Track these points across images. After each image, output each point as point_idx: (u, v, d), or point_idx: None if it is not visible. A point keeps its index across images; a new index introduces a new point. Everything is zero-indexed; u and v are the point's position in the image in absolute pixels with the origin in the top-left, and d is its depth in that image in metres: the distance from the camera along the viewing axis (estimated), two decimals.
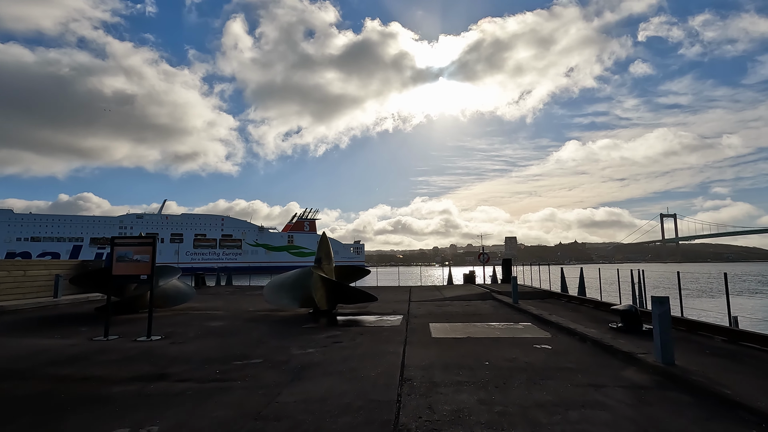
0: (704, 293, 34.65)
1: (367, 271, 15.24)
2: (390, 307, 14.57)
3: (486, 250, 30.61)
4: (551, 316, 10.82)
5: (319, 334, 9.33)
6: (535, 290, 18.97)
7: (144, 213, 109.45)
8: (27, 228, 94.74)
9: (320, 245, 14.02)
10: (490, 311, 13.18)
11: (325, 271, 13.66)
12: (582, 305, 14.28)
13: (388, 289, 24.50)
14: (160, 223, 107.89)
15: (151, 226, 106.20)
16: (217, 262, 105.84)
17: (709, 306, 19.67)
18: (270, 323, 11.33)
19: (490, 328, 9.83)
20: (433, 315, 12.43)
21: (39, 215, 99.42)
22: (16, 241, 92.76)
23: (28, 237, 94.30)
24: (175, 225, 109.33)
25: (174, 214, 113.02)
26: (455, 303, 15.80)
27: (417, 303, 15.97)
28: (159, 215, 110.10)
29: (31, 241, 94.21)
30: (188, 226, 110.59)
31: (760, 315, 21.92)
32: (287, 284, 13.85)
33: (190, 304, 15.88)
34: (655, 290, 28.88)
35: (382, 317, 12.13)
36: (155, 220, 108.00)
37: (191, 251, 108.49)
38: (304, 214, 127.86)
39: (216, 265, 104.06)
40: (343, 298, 13.94)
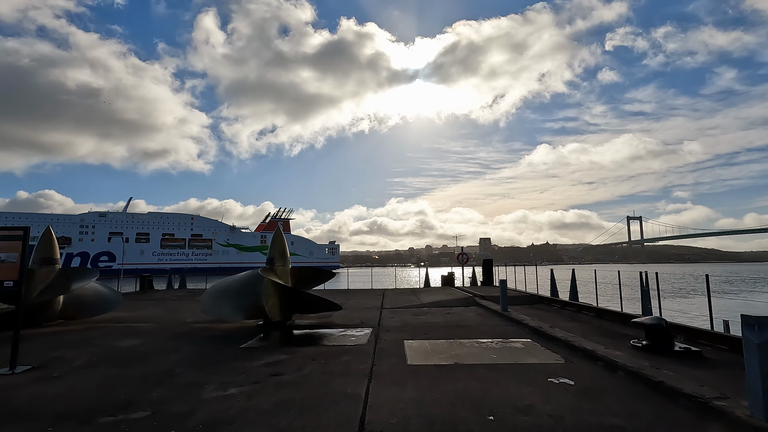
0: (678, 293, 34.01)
1: (332, 273, 12.91)
2: (358, 317, 12.25)
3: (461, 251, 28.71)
4: (554, 330, 8.77)
5: (257, 360, 6.91)
6: (521, 294, 17.05)
7: (107, 211, 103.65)
8: None
9: (273, 242, 11.56)
10: (477, 321, 11.06)
11: (279, 273, 11.22)
12: (579, 313, 12.37)
13: (360, 292, 22.16)
14: (125, 222, 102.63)
15: (115, 225, 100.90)
16: (186, 262, 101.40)
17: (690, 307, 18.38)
18: (200, 341, 8.82)
19: (482, 348, 7.66)
20: (409, 327, 10.19)
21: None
22: None
23: None
24: (142, 224, 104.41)
25: (140, 213, 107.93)
26: (434, 310, 13.64)
27: (390, 310, 13.72)
28: (124, 213, 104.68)
29: None
30: (155, 225, 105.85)
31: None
32: (231, 290, 11.30)
33: (116, 314, 13.08)
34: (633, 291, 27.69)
35: (346, 331, 9.80)
36: (120, 218, 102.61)
37: (158, 251, 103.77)
38: (278, 213, 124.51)
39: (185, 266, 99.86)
40: (301, 306, 11.51)
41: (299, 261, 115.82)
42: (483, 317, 11.87)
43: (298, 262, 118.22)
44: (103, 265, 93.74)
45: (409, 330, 9.80)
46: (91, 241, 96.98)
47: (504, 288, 12.53)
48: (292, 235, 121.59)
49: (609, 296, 17.90)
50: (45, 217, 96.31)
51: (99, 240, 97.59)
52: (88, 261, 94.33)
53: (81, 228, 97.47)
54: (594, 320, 10.93)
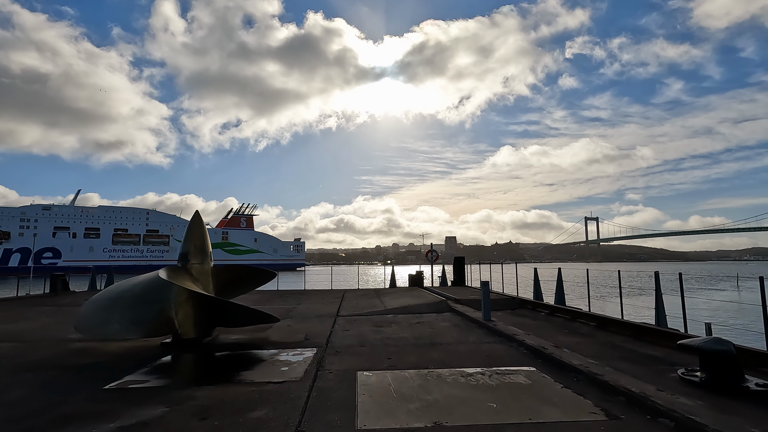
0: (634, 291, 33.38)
1: (272, 273, 10.15)
2: (303, 329, 9.55)
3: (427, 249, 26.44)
4: (561, 352, 6.45)
5: (104, 423, 4.12)
6: (499, 296, 14.86)
7: (53, 204, 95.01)
8: None
9: (188, 233, 8.65)
10: (456, 336, 8.63)
11: (196, 273, 8.37)
12: (575, 321, 10.23)
13: (317, 294, 19.38)
14: (72, 215, 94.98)
15: (60, 219, 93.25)
16: (141, 259, 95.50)
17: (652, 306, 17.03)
18: (53, 376, 5.87)
19: (471, 387, 5.18)
20: (367, 347, 7.62)
21: None
22: None
23: None
24: (91, 218, 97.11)
25: (90, 207, 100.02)
26: (401, 319, 11.14)
27: (347, 319, 11.10)
28: (71, 207, 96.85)
29: None
30: (107, 219, 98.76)
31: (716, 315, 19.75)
32: (127, 297, 8.29)
33: None
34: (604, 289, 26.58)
35: (280, 353, 7.10)
36: (66, 212, 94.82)
37: (109, 248, 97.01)
38: (240, 209, 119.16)
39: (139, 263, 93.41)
40: (225, 318, 8.70)
41: (263, 258, 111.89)
42: (462, 329, 9.47)
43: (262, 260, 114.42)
44: (47, 262, 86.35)
45: (366, 352, 7.22)
46: (33, 236, 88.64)
47: (486, 292, 10.19)
48: (255, 232, 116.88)
49: (575, 296, 16.31)
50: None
51: (42, 235, 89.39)
52: (30, 258, 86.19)
53: (21, 222, 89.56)
54: (598, 333, 8.76)
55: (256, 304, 15.28)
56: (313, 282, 36.16)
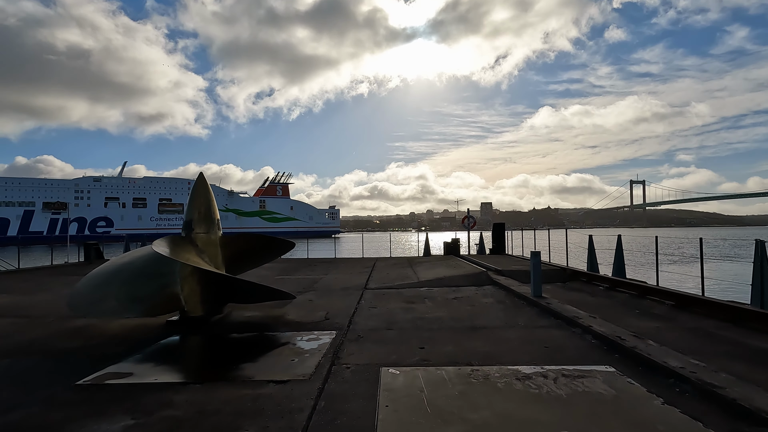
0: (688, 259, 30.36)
1: (290, 243, 9.06)
2: (325, 305, 8.49)
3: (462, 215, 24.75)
4: (647, 345, 4.95)
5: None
6: (546, 266, 13.25)
7: (102, 176, 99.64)
8: None
9: (192, 199, 7.59)
10: (502, 317, 7.27)
11: (201, 243, 7.36)
12: (643, 299, 8.56)
13: (346, 262, 18.48)
14: (120, 186, 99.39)
15: (110, 190, 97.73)
16: None
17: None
18: (32, 364, 5.06)
19: (535, 401, 3.84)
20: (396, 331, 6.42)
21: None
22: None
23: None
24: (138, 189, 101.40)
25: (136, 178, 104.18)
26: (436, 293, 9.87)
27: (375, 293, 9.96)
28: (119, 178, 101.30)
29: None
30: (152, 190, 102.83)
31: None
32: (126, 272, 7.44)
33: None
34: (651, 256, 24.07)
35: (293, 338, 6.03)
36: (115, 183, 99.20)
37: (156, 216, 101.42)
38: (276, 178, 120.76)
39: None
40: (235, 294, 7.73)
41: (299, 226, 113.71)
42: (508, 308, 8.08)
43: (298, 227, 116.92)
44: (101, 231, 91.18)
45: (394, 338, 6.01)
46: (87, 207, 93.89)
47: (538, 264, 8.67)
48: (291, 200, 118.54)
49: (607, 264, 14.20)
50: (39, 182, 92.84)
51: (95, 205, 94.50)
52: (86, 227, 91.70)
53: (76, 193, 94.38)
54: (679, 315, 7.11)
55: (282, 273, 14.53)
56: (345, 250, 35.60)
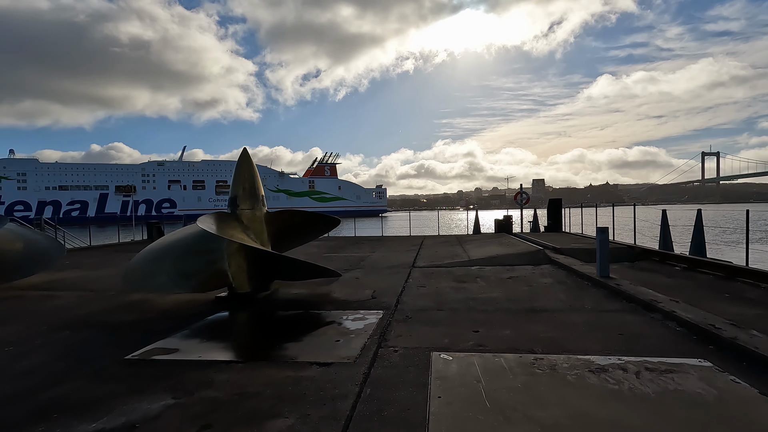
0: None
1: (336, 220, 8.82)
2: (372, 284, 8.21)
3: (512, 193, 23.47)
4: (751, 336, 4.16)
5: (92, 418, 3.07)
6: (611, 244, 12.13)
7: (165, 160, 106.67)
8: (54, 177, 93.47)
9: (236, 175, 7.48)
10: (564, 299, 6.60)
11: (247, 220, 7.26)
12: (733, 280, 7.47)
13: (393, 240, 18.19)
14: (181, 170, 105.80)
15: (172, 173, 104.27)
16: None
17: None
18: (91, 335, 5.20)
19: (616, 398, 3.27)
20: (446, 312, 5.98)
21: (65, 164, 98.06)
22: (45, 190, 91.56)
23: (56, 186, 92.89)
24: (197, 172, 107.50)
25: (195, 161, 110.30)
26: (488, 272, 9.29)
27: (423, 272, 9.55)
28: (180, 162, 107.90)
29: (59, 189, 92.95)
30: (209, 172, 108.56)
31: None
32: (177, 249, 7.52)
33: (60, 273, 10.03)
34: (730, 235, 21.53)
35: (339, 317, 5.78)
36: (176, 167, 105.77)
37: (214, 198, 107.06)
38: (324, 158, 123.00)
39: None
40: (281, 271, 7.61)
41: (346, 205, 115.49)
42: (570, 289, 7.36)
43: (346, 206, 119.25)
44: (166, 212, 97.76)
45: (445, 319, 5.58)
46: (153, 189, 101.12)
47: (603, 240, 7.80)
48: (339, 180, 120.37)
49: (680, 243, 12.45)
50: (111, 167, 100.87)
51: (160, 188, 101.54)
52: (153, 208, 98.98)
53: (143, 177, 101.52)
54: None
55: (329, 251, 14.50)
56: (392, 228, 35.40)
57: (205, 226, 6.20)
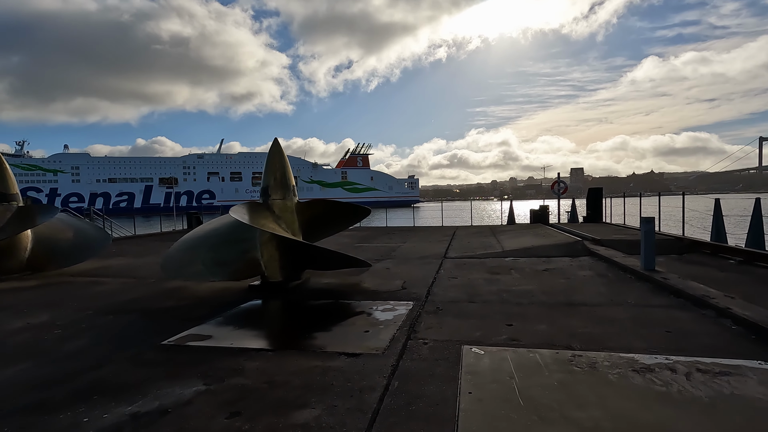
0: None
1: (366, 210, 8.77)
2: (402, 274, 8.13)
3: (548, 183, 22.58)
4: None
5: (128, 400, 3.17)
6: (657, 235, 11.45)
7: (204, 153, 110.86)
8: (104, 170, 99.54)
9: (268, 165, 7.55)
10: (605, 293, 6.26)
11: (278, 210, 7.33)
12: None
13: (425, 231, 18.02)
14: (219, 162, 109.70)
15: (211, 165, 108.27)
16: None
17: None
18: (130, 321, 5.42)
19: (664, 400, 3.03)
20: (479, 304, 5.81)
21: (113, 158, 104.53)
22: (96, 182, 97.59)
23: (106, 179, 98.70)
24: (234, 164, 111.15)
25: (232, 154, 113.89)
26: (523, 264, 8.98)
27: (455, 263, 9.36)
28: (218, 155, 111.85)
29: (109, 182, 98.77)
30: (246, 164, 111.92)
31: None
32: (213, 238, 7.72)
33: (105, 261, 10.56)
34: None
35: (366, 307, 5.74)
36: (215, 159, 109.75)
37: (250, 189, 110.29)
38: (356, 149, 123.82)
39: None
40: (312, 261, 7.66)
41: (379, 196, 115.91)
42: (611, 282, 6.98)
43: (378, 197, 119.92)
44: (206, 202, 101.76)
45: (477, 312, 5.42)
46: (194, 181, 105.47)
47: (649, 231, 7.34)
48: (371, 170, 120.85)
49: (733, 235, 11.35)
50: (155, 160, 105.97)
51: (200, 179, 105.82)
52: (194, 198, 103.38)
53: (184, 169, 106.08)
54: None
55: (360, 241, 14.53)
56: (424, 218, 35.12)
57: (237, 216, 6.30)
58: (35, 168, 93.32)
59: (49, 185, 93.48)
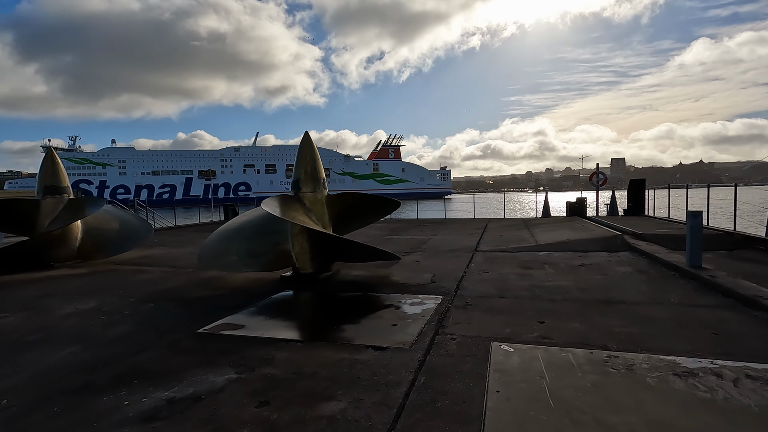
0: None
1: (395, 202, 8.74)
2: (432, 267, 8.07)
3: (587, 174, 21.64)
4: None
5: (164, 384, 3.32)
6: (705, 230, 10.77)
7: (240, 146, 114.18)
8: (148, 163, 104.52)
9: (299, 158, 7.64)
10: (646, 291, 5.96)
11: (309, 202, 7.43)
12: None
13: (456, 223, 17.81)
14: (255, 154, 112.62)
15: (247, 158, 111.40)
16: None
17: None
18: (168, 309, 5.67)
19: (708, 407, 2.86)
20: (509, 300, 5.67)
21: (156, 151, 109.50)
22: (140, 175, 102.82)
23: (150, 171, 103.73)
24: (269, 156, 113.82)
25: (267, 146, 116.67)
26: (557, 259, 8.70)
27: (486, 256, 9.19)
28: (253, 147, 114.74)
29: (152, 174, 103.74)
30: (280, 156, 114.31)
31: None
32: (247, 230, 7.93)
33: (147, 251, 11.09)
34: None
35: (395, 301, 5.74)
36: (250, 152, 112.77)
37: (284, 181, 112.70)
38: (388, 141, 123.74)
39: None
40: (341, 253, 7.72)
41: (410, 188, 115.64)
42: (653, 279, 6.64)
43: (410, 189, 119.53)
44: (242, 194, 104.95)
45: (507, 307, 5.30)
46: (231, 173, 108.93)
47: (696, 226, 6.90)
48: (403, 162, 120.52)
49: None
50: (195, 153, 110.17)
51: (236, 172, 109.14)
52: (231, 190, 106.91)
53: (221, 162, 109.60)
54: None
55: (391, 233, 14.54)
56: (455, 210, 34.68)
57: (269, 209, 6.43)
58: (86, 162, 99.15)
59: (99, 178, 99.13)
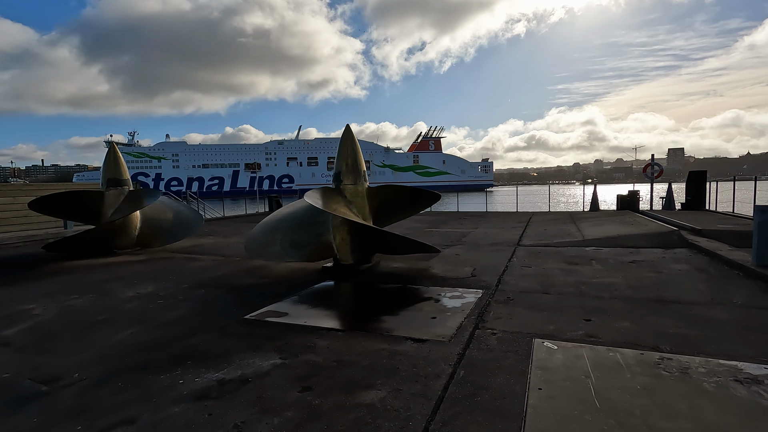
0: None
1: (436, 195, 8.66)
2: (473, 261, 7.96)
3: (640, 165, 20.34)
4: None
5: (213, 368, 3.52)
6: None
7: (284, 139, 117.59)
8: (199, 157, 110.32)
9: (340, 150, 7.75)
10: (704, 290, 5.57)
11: (349, 194, 7.55)
12: None
13: (498, 217, 17.42)
14: (297, 147, 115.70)
15: (290, 151, 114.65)
16: None
17: None
18: (218, 295, 6.00)
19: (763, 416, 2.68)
20: (553, 296, 5.50)
21: (206, 145, 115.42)
22: (192, 168, 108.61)
23: (200, 164, 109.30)
24: (311, 149, 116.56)
25: (309, 139, 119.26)
26: (606, 255, 8.31)
27: (529, 251, 8.95)
28: (296, 140, 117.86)
29: (203, 167, 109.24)
30: (322, 149, 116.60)
31: None
32: (290, 221, 8.17)
33: (199, 240, 11.72)
34: None
35: (435, 294, 5.73)
36: (293, 145, 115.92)
37: (326, 173, 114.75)
38: (429, 132, 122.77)
39: None
40: (381, 245, 7.79)
41: (451, 180, 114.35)
42: (712, 279, 6.20)
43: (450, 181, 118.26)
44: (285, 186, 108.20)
45: (551, 304, 5.14)
46: (275, 166, 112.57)
47: (767, 222, 6.35)
48: (444, 154, 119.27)
49: None
50: (241, 147, 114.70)
51: (280, 165, 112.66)
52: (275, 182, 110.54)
53: (266, 155, 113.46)
54: None
55: (431, 226, 14.47)
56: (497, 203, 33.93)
57: (311, 201, 6.59)
58: (143, 156, 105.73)
59: (155, 170, 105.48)
